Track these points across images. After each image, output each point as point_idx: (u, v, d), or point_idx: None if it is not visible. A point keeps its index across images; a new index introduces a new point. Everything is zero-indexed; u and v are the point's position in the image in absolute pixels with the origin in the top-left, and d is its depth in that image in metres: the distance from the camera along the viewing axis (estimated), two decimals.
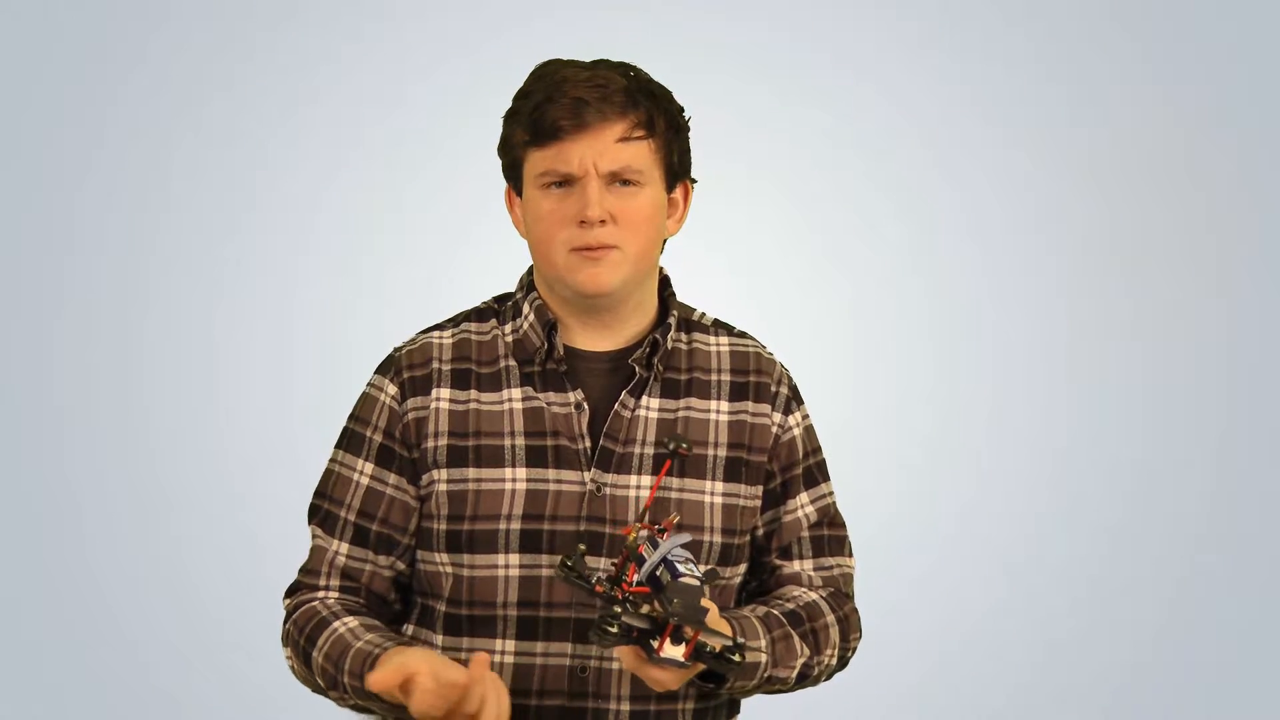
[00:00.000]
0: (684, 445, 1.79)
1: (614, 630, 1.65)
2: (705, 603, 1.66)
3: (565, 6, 3.53)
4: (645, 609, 1.67)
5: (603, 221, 1.94)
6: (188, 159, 3.60)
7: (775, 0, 3.65)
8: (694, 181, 2.07)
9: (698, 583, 1.65)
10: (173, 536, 3.56)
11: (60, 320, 3.59)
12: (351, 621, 1.95)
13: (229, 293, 3.60)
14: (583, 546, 1.75)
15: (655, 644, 1.67)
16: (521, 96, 2.00)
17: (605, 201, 1.94)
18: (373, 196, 3.62)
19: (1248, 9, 3.67)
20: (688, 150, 2.04)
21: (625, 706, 1.97)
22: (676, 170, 2.03)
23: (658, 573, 1.69)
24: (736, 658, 1.68)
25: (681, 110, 2.03)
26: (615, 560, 1.73)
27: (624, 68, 2.00)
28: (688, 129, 2.04)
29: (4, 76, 3.56)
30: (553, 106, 1.95)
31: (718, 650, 1.68)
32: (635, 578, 1.70)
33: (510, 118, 2.01)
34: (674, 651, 1.66)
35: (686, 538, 1.71)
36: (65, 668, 3.54)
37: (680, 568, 1.67)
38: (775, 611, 1.99)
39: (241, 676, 3.49)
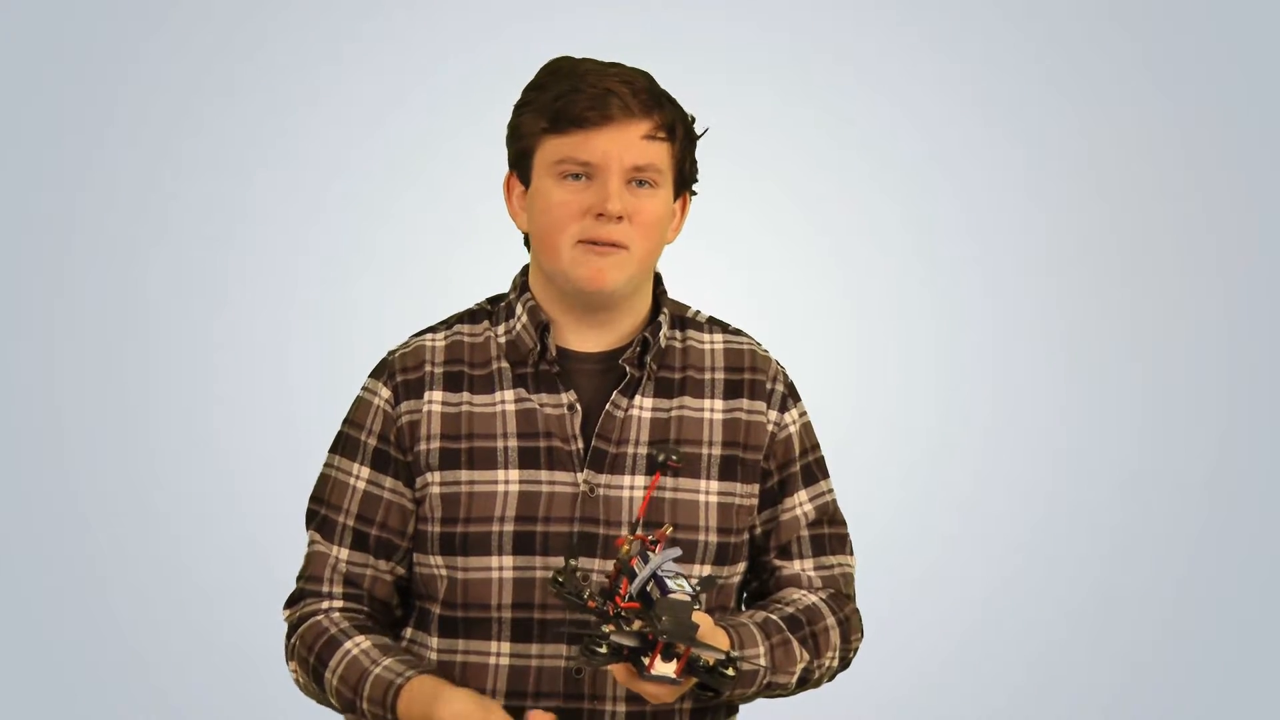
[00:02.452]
0: (674, 458, 1.78)
1: (602, 650, 1.64)
2: (697, 617, 1.65)
3: (565, 7, 3.53)
4: (636, 625, 1.65)
5: (619, 218, 1.93)
6: (187, 159, 3.60)
7: (775, 0, 3.65)
8: (694, 194, 2.06)
9: (688, 597, 1.64)
10: (173, 537, 3.56)
11: (60, 320, 3.58)
12: (364, 642, 1.95)
13: (229, 293, 3.59)
14: (573, 561, 1.74)
15: (646, 661, 1.65)
16: (536, 88, 1.98)
17: (624, 198, 1.93)
18: (373, 196, 3.61)
19: (1248, 9, 3.66)
20: (695, 161, 2.03)
21: (621, 708, 1.96)
22: (685, 179, 2.02)
23: (648, 588, 1.67)
24: (730, 671, 1.67)
25: (693, 120, 2.02)
26: (608, 573, 1.72)
27: (640, 71, 1.99)
28: (697, 140, 2.03)
29: (4, 76, 3.56)
30: (579, 96, 1.92)
31: (711, 664, 1.67)
32: (628, 591, 1.69)
33: (524, 106, 1.98)
34: (665, 668, 1.65)
35: (677, 552, 1.69)
36: (65, 668, 3.54)
37: (670, 583, 1.65)
38: (774, 617, 1.97)
39: (241, 676, 3.48)
